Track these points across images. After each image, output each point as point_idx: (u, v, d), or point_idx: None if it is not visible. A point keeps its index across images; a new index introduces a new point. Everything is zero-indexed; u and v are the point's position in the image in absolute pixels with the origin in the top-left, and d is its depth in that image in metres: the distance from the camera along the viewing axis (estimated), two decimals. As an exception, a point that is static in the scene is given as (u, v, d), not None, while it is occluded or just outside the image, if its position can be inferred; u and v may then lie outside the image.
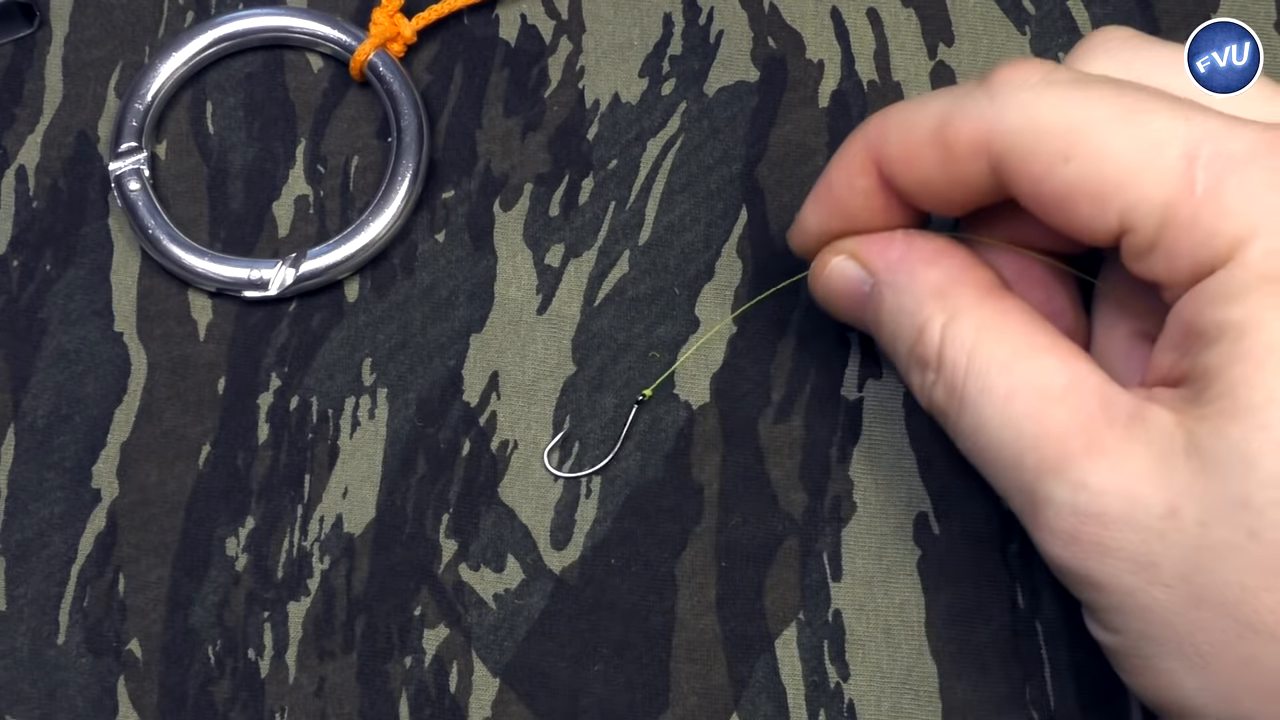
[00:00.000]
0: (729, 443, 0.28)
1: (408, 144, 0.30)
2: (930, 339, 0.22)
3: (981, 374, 0.21)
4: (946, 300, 0.22)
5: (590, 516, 0.28)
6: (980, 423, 0.21)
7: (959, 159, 0.22)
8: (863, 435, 0.28)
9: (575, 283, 0.30)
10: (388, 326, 0.30)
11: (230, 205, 0.31)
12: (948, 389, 0.22)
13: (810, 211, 0.25)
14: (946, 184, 0.23)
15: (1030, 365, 0.21)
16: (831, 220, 0.25)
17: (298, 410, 0.29)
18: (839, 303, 0.25)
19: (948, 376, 0.22)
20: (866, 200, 0.24)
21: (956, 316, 0.22)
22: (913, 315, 0.22)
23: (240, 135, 0.31)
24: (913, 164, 0.23)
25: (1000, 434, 0.21)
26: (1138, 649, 0.20)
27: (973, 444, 0.22)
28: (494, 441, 0.28)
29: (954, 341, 0.22)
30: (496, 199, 0.30)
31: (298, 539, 0.28)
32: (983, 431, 0.21)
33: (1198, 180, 0.20)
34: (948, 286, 0.22)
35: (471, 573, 0.27)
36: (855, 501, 0.27)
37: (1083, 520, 0.20)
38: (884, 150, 0.23)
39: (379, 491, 0.28)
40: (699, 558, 0.27)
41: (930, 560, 0.27)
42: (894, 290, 0.23)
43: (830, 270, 0.24)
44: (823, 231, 0.25)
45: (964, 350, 0.21)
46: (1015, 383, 0.21)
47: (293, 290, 0.29)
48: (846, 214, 0.24)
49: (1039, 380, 0.21)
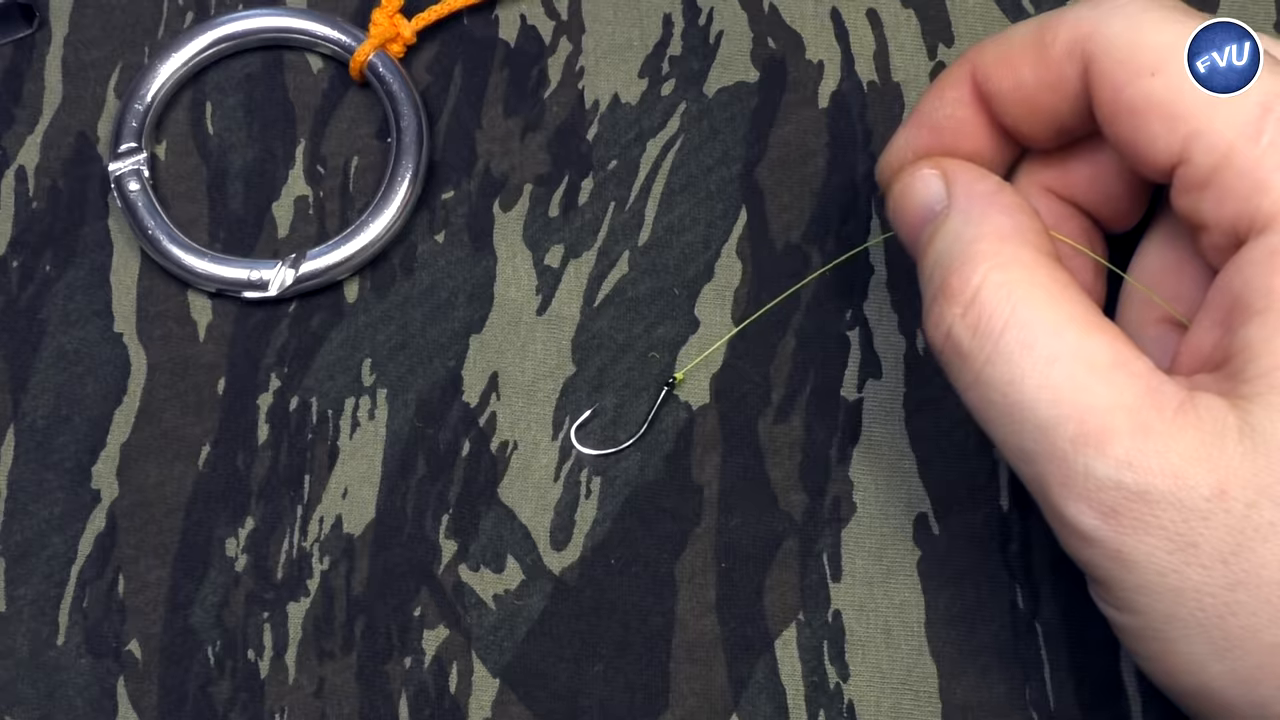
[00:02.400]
0: (729, 443, 0.28)
1: (407, 144, 0.30)
2: (969, 274, 0.22)
3: (1026, 327, 0.21)
4: (1004, 246, 0.22)
5: (590, 517, 0.28)
6: (1015, 377, 0.21)
7: (1054, 59, 0.22)
8: (862, 436, 0.28)
9: (575, 283, 0.30)
10: (387, 327, 0.30)
11: (230, 206, 0.31)
12: (975, 329, 0.21)
13: (901, 134, 0.25)
14: (1037, 88, 0.23)
15: (1079, 336, 0.21)
16: (920, 138, 0.25)
17: (297, 411, 0.29)
18: (907, 215, 0.24)
19: (979, 317, 0.21)
20: (957, 112, 0.24)
21: (1007, 265, 0.22)
22: (966, 245, 0.22)
23: (240, 136, 0.31)
24: (1008, 66, 0.23)
25: (1037, 393, 0.21)
26: (1161, 631, 0.20)
27: (997, 396, 0.21)
28: (494, 442, 0.28)
29: (996, 285, 0.21)
30: (496, 199, 0.30)
31: (297, 539, 0.28)
32: (1015, 387, 0.21)
33: (1265, 131, 0.20)
34: (1012, 236, 0.22)
35: (471, 573, 0.28)
36: (855, 502, 0.28)
37: (1126, 496, 0.20)
38: (981, 58, 0.24)
39: (379, 492, 0.28)
40: (699, 558, 0.27)
41: (930, 561, 0.27)
42: (962, 218, 0.23)
43: (915, 179, 0.24)
44: (913, 152, 0.25)
45: (1008, 299, 0.21)
46: (1062, 349, 0.21)
47: (292, 291, 0.29)
48: (936, 130, 0.24)
49: (1086, 352, 0.21)
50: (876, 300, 0.29)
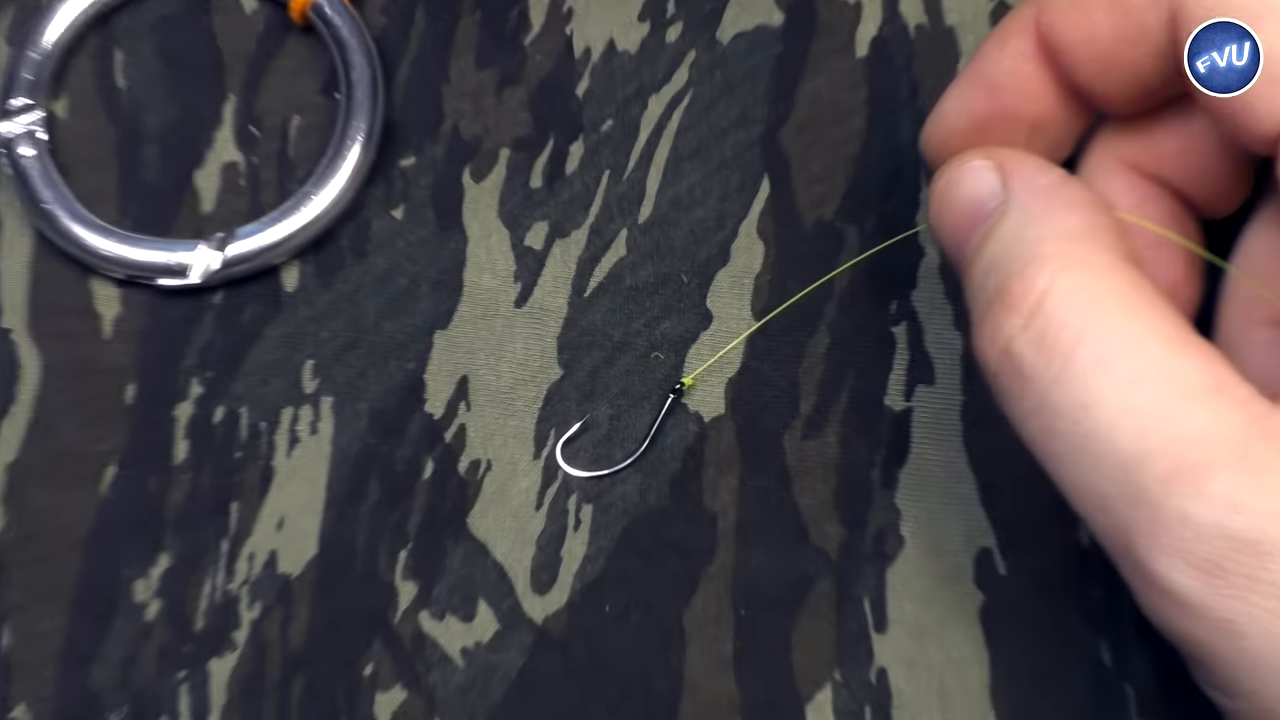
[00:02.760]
0: (748, 463, 0.27)
1: (359, 101, 0.29)
2: (1034, 278, 0.21)
3: (1103, 342, 0.20)
4: (1074, 247, 0.21)
5: (580, 553, 0.27)
6: (1089, 401, 0.20)
7: (1135, 5, 0.22)
8: (912, 454, 0.27)
9: (562, 269, 0.29)
10: (334, 322, 0.29)
11: (144, 175, 0.30)
12: (1040, 343, 0.21)
13: (952, 94, 0.25)
14: (1115, 41, 0.22)
15: (1167, 353, 0.20)
16: (975, 100, 0.24)
17: (224, 424, 0.28)
18: (953, 214, 0.24)
19: (1046, 329, 0.21)
20: (1019, 67, 0.24)
21: (1079, 268, 0.21)
22: (1029, 246, 0.22)
23: (156, 91, 0.31)
24: (1080, 13, 0.23)
25: (1117, 421, 0.20)
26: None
27: (1066, 424, 0.21)
28: (463, 461, 0.28)
29: (1067, 291, 0.21)
30: (466, 168, 0.30)
31: (222, 581, 0.27)
32: (1090, 414, 0.20)
33: None
34: (1083, 237, 0.22)
35: (435, 622, 0.27)
36: (903, 535, 0.27)
37: (1232, 547, 0.19)
38: (1048, 7, 0.23)
39: (322, 522, 0.27)
40: (712, 604, 0.27)
41: (995, 607, 0.26)
42: (1022, 216, 0.22)
43: (964, 172, 0.24)
44: (965, 118, 0.25)
45: (1081, 307, 0.21)
46: (1147, 368, 0.20)
47: (219, 278, 0.29)
48: (994, 89, 0.24)
49: (1177, 373, 0.20)
50: (928, 289, 0.29)
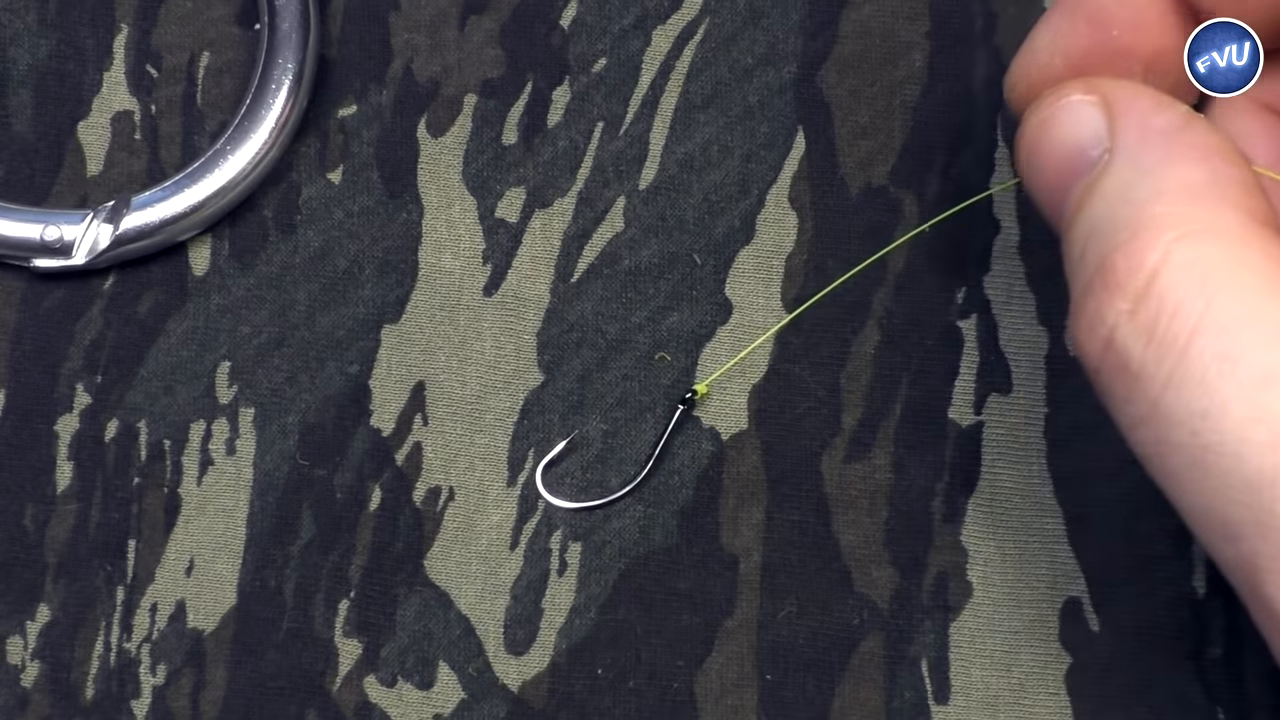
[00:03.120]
0: (777, 491, 0.26)
1: (285, 33, 0.27)
2: (1144, 250, 0.20)
3: (1228, 332, 0.19)
4: (1197, 208, 0.20)
5: (565, 604, 0.25)
6: (1210, 407, 0.19)
7: None
8: (982, 480, 0.26)
9: (543, 247, 0.27)
10: (256, 314, 0.27)
11: (12, 127, 0.28)
12: (1151, 333, 0.20)
13: (1045, 27, 0.24)
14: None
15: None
16: (1074, 35, 0.23)
17: (118, 441, 0.27)
18: (1047, 164, 0.23)
19: (1158, 315, 0.20)
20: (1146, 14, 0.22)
21: (1199, 236, 0.20)
22: (1139, 208, 0.21)
23: (28, 20, 0.29)
24: None
25: (1245, 431, 0.19)
26: None
27: (1183, 435, 0.20)
28: (418, 489, 0.26)
29: (1185, 267, 0.20)
30: (422, 119, 0.28)
31: (117, 639, 0.26)
32: (1211, 423, 0.19)
33: None
34: (1207, 194, 0.20)
35: (384, 690, 0.25)
36: (970, 581, 0.25)
37: None
38: None
39: (242, 566, 0.26)
40: (732, 666, 0.25)
41: (1086, 670, 0.25)
42: (1132, 167, 0.21)
43: (1059, 109, 0.22)
44: (1056, 53, 0.23)
45: (1202, 286, 0.20)
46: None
47: (110, 258, 0.27)
48: (1099, 20, 0.23)
49: None
50: (1004, 273, 0.27)
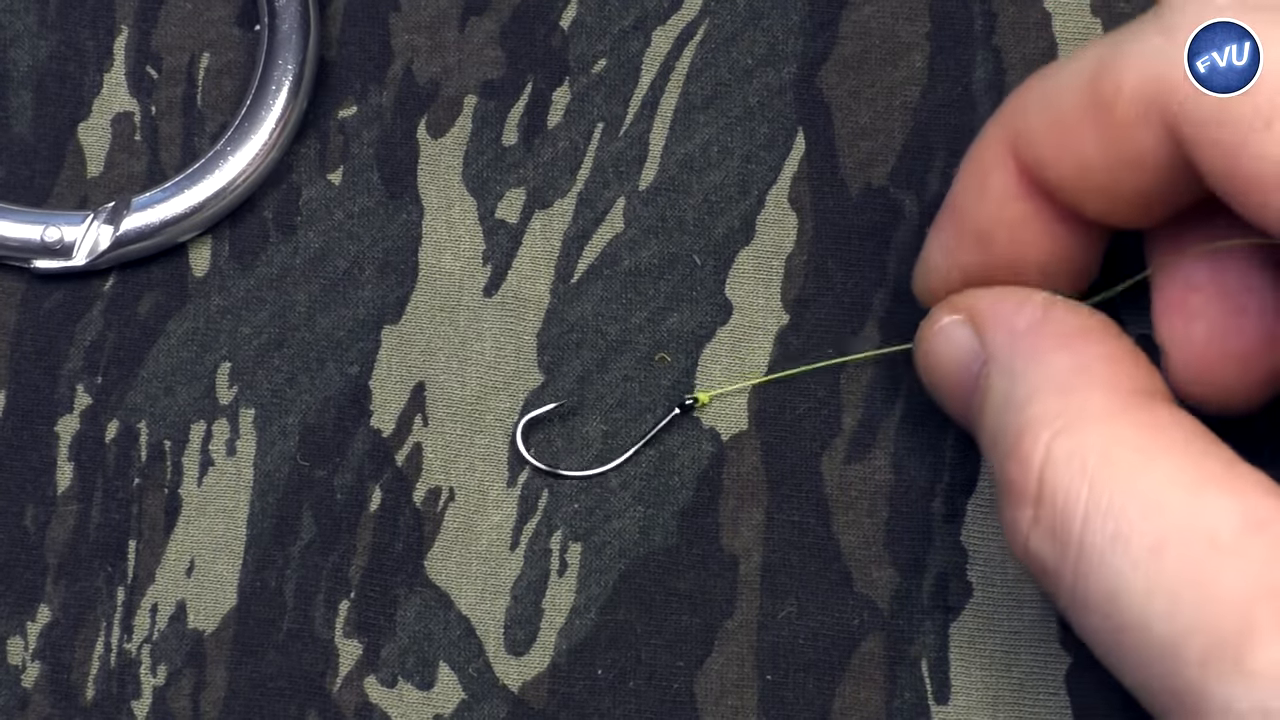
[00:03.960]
0: (777, 492, 0.26)
1: (285, 34, 0.28)
2: (1027, 452, 0.21)
3: (1113, 514, 0.20)
4: (1068, 400, 0.21)
5: (565, 604, 0.26)
6: (1113, 589, 0.20)
7: (1123, 124, 0.21)
8: (982, 481, 0.26)
9: (543, 248, 0.28)
10: (256, 315, 0.28)
11: (12, 128, 0.29)
12: (1054, 534, 0.20)
13: (935, 241, 0.24)
14: (1108, 166, 0.22)
15: (1188, 499, 0.20)
16: (961, 249, 0.24)
17: (118, 442, 0.27)
18: (941, 382, 0.24)
19: (1053, 515, 0.20)
20: (1004, 208, 0.23)
21: (1074, 427, 0.21)
22: (1015, 415, 0.21)
23: (28, 21, 0.29)
24: (1062, 141, 0.22)
25: (1145, 606, 0.19)
26: None
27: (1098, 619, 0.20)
28: (418, 490, 0.27)
29: (1065, 462, 0.20)
30: (422, 120, 0.28)
31: (117, 639, 0.26)
32: (1119, 603, 0.20)
33: None
34: (1075, 381, 0.21)
35: (384, 690, 0.25)
36: (970, 581, 0.25)
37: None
38: (1024, 126, 0.23)
39: (242, 567, 0.26)
40: (732, 667, 0.25)
41: (1086, 670, 0.25)
42: (1006, 373, 0.22)
43: (936, 334, 0.23)
44: (950, 269, 0.24)
45: (1083, 476, 0.20)
46: (1167, 526, 0.20)
47: (110, 259, 0.27)
48: (980, 235, 0.24)
49: (1205, 521, 0.19)
50: None
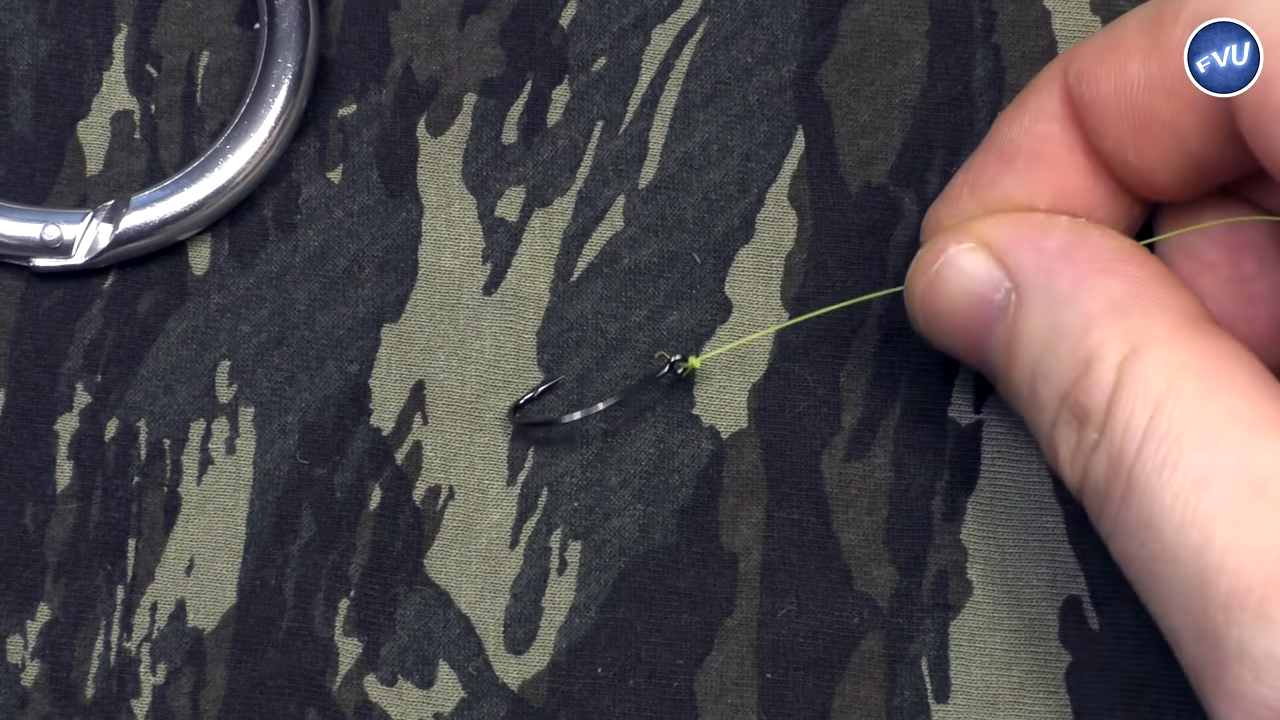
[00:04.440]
0: (777, 490, 0.26)
1: (285, 33, 0.28)
2: (1098, 379, 0.20)
3: (1167, 440, 0.19)
4: (1130, 322, 0.20)
5: (565, 603, 0.26)
6: (1153, 516, 0.19)
7: (1175, 46, 0.21)
8: (982, 479, 0.26)
9: (542, 246, 0.28)
10: (256, 313, 0.28)
11: (12, 126, 0.29)
12: (1112, 458, 0.20)
13: (964, 178, 0.24)
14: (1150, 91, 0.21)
15: (1244, 439, 0.19)
16: (985, 172, 0.23)
17: (118, 441, 0.27)
18: (948, 317, 0.23)
19: (1115, 439, 0.20)
20: (1039, 128, 0.22)
21: (1143, 350, 0.20)
22: (1076, 341, 0.21)
23: (28, 20, 0.29)
24: (1111, 58, 0.22)
25: (1178, 537, 0.19)
26: None
27: (1137, 550, 0.20)
28: (418, 488, 0.27)
29: (1134, 386, 0.20)
30: (421, 118, 0.28)
31: (117, 638, 0.26)
32: (1154, 530, 0.19)
33: None
34: (1132, 304, 0.21)
35: (384, 689, 0.26)
36: (970, 579, 0.26)
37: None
38: (1080, 50, 0.22)
39: (242, 565, 0.26)
40: (732, 665, 0.26)
41: (1085, 669, 0.25)
42: (1048, 301, 0.21)
43: (944, 265, 0.23)
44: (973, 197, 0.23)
45: (1147, 402, 0.20)
46: (1218, 464, 0.19)
47: (110, 257, 0.27)
48: (1009, 156, 0.23)
49: (1255, 466, 0.19)
50: None
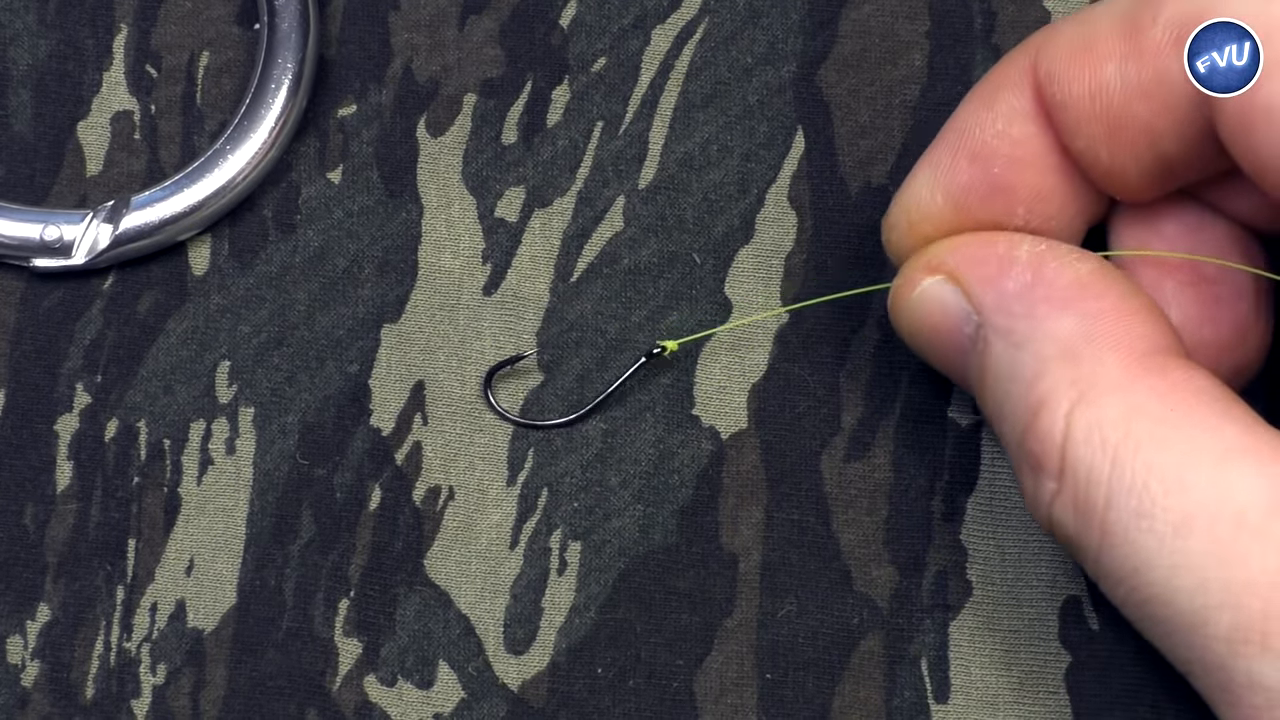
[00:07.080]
0: (777, 490, 0.27)
1: (285, 33, 0.28)
2: (1047, 429, 0.20)
3: (1135, 491, 0.20)
4: (1079, 367, 0.21)
5: (565, 603, 0.26)
6: (1138, 564, 0.20)
7: (1150, 49, 0.21)
8: (981, 479, 0.26)
9: (542, 246, 0.28)
10: (255, 313, 0.28)
11: (12, 127, 0.29)
12: (1078, 508, 0.20)
13: (924, 166, 0.23)
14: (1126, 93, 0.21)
15: (1215, 475, 0.20)
16: (957, 173, 0.23)
17: (117, 441, 0.27)
18: (931, 346, 0.23)
19: (1076, 490, 0.20)
20: (1012, 129, 0.22)
21: (1092, 396, 0.20)
22: (1028, 386, 0.21)
23: (28, 20, 0.30)
24: (1084, 59, 0.21)
25: (1170, 581, 0.20)
26: None
27: (1129, 594, 0.20)
28: (418, 489, 0.27)
29: (1087, 436, 0.20)
30: (421, 118, 0.29)
31: (117, 638, 0.26)
32: (1143, 577, 0.20)
33: None
34: (1084, 345, 0.21)
35: (384, 689, 0.26)
36: (970, 580, 0.26)
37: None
38: (1049, 45, 0.22)
39: (242, 566, 0.27)
40: (732, 666, 0.26)
41: (1085, 669, 0.25)
42: (1006, 341, 0.21)
43: (920, 296, 0.23)
44: (944, 196, 0.23)
45: (1105, 452, 0.20)
46: (1193, 504, 0.19)
47: (110, 258, 0.28)
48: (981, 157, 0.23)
49: (1232, 499, 0.19)
50: None
